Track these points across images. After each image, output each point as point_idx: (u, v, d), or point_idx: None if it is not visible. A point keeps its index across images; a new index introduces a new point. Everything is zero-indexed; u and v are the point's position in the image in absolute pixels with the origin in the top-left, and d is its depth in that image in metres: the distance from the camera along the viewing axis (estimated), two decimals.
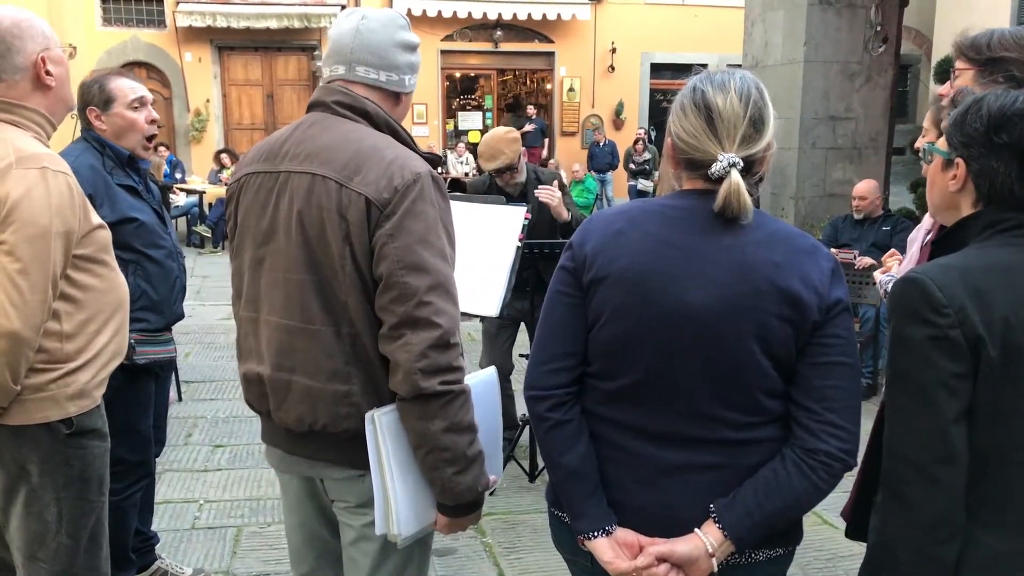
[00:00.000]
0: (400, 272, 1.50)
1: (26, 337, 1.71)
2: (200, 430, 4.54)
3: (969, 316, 1.21)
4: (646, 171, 13.50)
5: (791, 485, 1.35)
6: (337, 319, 1.57)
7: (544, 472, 3.90)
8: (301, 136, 1.65)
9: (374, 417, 1.55)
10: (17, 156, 1.74)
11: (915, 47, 13.56)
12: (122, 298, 1.98)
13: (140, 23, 14.46)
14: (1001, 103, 1.30)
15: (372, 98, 1.66)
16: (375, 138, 1.61)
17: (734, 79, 1.39)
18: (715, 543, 1.36)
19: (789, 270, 1.35)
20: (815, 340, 1.36)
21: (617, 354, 1.41)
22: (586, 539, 1.44)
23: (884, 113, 6.89)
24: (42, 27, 1.87)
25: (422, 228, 1.53)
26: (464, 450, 1.54)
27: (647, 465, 1.42)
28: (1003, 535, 1.27)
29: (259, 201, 1.65)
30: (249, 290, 1.69)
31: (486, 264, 2.70)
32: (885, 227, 5.53)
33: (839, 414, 1.35)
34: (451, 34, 15.50)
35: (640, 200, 1.53)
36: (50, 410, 1.81)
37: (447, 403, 1.51)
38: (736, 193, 1.33)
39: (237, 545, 3.29)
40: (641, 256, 1.38)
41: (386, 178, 1.53)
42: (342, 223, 1.53)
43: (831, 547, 3.30)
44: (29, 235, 1.70)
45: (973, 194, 1.34)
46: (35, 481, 1.84)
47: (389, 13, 1.73)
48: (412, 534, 1.61)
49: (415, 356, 1.48)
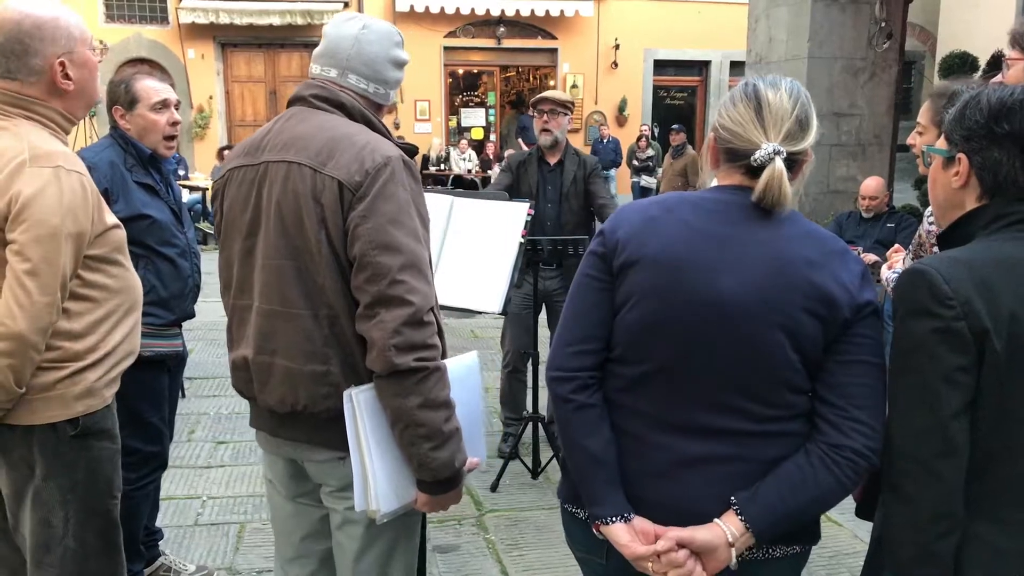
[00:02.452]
0: (373, 252, 1.54)
1: (31, 340, 1.69)
2: (203, 426, 4.55)
3: (975, 308, 1.21)
4: (649, 168, 13.47)
5: (816, 481, 1.34)
6: (315, 302, 1.62)
7: (547, 469, 3.92)
8: (280, 128, 1.72)
9: (352, 395, 1.60)
10: (32, 154, 1.73)
11: (920, 43, 13.52)
12: (136, 298, 1.96)
13: (143, 20, 14.47)
14: (1000, 95, 1.30)
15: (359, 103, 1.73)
16: (349, 127, 1.67)
17: (786, 81, 1.44)
18: (736, 533, 1.35)
19: (823, 268, 1.36)
20: (844, 338, 1.36)
21: (642, 338, 1.41)
22: (603, 524, 1.43)
23: (888, 110, 6.87)
24: (68, 28, 1.82)
25: (393, 209, 1.57)
26: (440, 426, 1.58)
27: (666, 457, 1.42)
28: (1007, 531, 1.26)
29: (243, 193, 1.71)
30: (240, 279, 1.74)
31: (489, 260, 2.70)
32: (889, 224, 5.51)
33: (866, 412, 1.34)
34: (454, 30, 15.49)
35: (676, 192, 1.55)
36: (57, 409, 1.79)
37: (422, 379, 1.55)
38: (779, 180, 1.35)
39: (240, 541, 3.30)
40: (675, 241, 1.39)
41: (358, 162, 1.58)
42: (317, 207, 1.59)
43: (834, 544, 3.30)
44: (39, 235, 1.68)
45: (977, 189, 1.34)
46: (40, 484, 1.82)
47: (388, 28, 1.78)
48: (392, 510, 1.65)
49: (389, 333, 1.52)
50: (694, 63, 16.47)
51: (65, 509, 1.84)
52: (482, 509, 3.63)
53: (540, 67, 16.34)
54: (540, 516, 3.53)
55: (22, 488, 1.83)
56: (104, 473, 1.91)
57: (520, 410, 4.19)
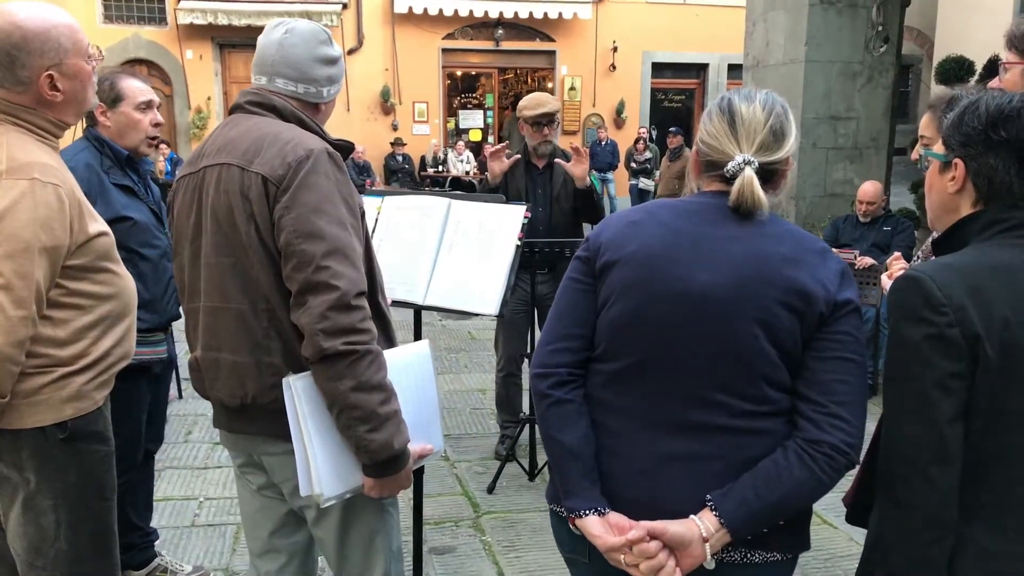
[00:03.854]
0: (296, 241, 1.59)
1: (7, 353, 1.68)
2: (200, 427, 4.55)
3: (968, 315, 1.21)
4: (647, 170, 13.49)
5: (791, 475, 1.34)
6: (252, 295, 1.68)
7: (544, 471, 3.92)
8: (217, 135, 1.80)
9: (290, 382, 1.64)
10: (8, 166, 1.71)
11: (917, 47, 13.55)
12: (128, 301, 1.95)
13: (141, 20, 14.47)
14: (999, 102, 1.31)
15: (289, 104, 1.79)
16: (277, 126, 1.73)
17: (761, 94, 1.48)
18: (711, 529, 1.35)
19: (798, 263, 1.38)
20: (823, 335, 1.37)
21: (621, 333, 1.44)
22: (577, 517, 1.44)
23: (885, 113, 6.89)
24: (59, 39, 1.78)
25: (316, 198, 1.61)
26: (375, 408, 1.60)
27: (645, 454, 1.43)
28: (1001, 536, 1.27)
29: (187, 200, 1.79)
30: (191, 283, 1.79)
31: (486, 263, 2.71)
32: (886, 227, 5.52)
33: (845, 408, 1.35)
34: (452, 32, 15.50)
35: (661, 199, 1.59)
36: (44, 413, 1.78)
37: (353, 363, 1.57)
38: (750, 187, 1.39)
39: (237, 542, 3.29)
40: (651, 241, 1.44)
41: (280, 156, 1.64)
42: (246, 203, 1.65)
43: (830, 547, 3.31)
44: (11, 250, 1.66)
45: (972, 195, 1.35)
46: (32, 487, 1.81)
47: (312, 28, 1.82)
48: (336, 494, 1.68)
49: (316, 318, 1.56)
50: (692, 66, 16.50)
51: (56, 512, 1.84)
52: (479, 511, 3.63)
53: (538, 69, 16.35)
54: (537, 518, 3.53)
55: (13, 492, 1.83)
56: (96, 475, 1.90)
57: (516, 413, 4.20)
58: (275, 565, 1.92)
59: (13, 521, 1.85)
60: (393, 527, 1.90)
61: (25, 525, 1.84)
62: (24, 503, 1.82)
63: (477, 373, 5.71)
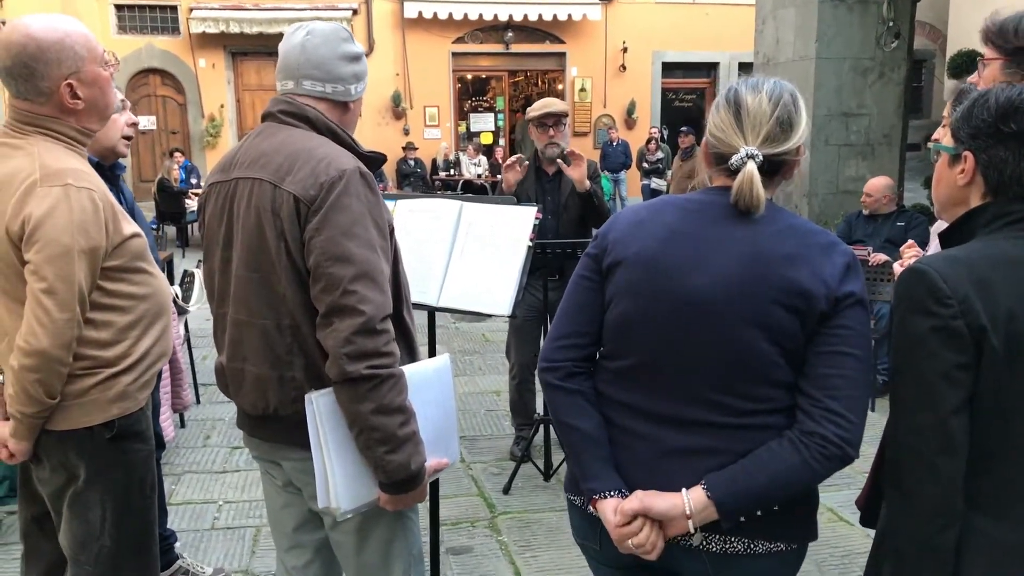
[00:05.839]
0: (326, 263, 1.59)
1: (55, 355, 1.74)
2: (218, 432, 4.59)
3: (973, 307, 1.22)
4: (659, 170, 13.47)
5: (781, 458, 1.36)
6: (278, 312, 1.69)
7: (559, 470, 3.94)
8: (249, 145, 1.78)
9: (312, 398, 1.65)
10: (42, 173, 1.76)
11: (929, 42, 13.47)
12: (162, 301, 2.00)
13: (155, 30, 14.61)
14: (1008, 94, 1.31)
15: (319, 107, 1.78)
16: (311, 140, 1.72)
17: (768, 83, 1.47)
18: (695, 505, 1.38)
19: (799, 261, 1.38)
20: (823, 330, 1.37)
21: (624, 333, 1.48)
22: (600, 499, 1.47)
23: (898, 109, 6.85)
24: (74, 48, 1.81)
25: (347, 221, 1.61)
26: (394, 431, 1.62)
27: (649, 447, 1.46)
28: (1007, 526, 1.28)
29: (218, 208, 1.79)
30: (220, 289, 1.82)
31: (498, 264, 2.72)
32: (899, 223, 5.49)
33: (840, 402, 1.35)
34: (462, 36, 15.54)
35: (669, 196, 1.61)
36: (94, 414, 1.85)
37: (375, 386, 1.59)
38: (749, 184, 1.38)
39: (256, 544, 3.33)
40: (653, 242, 1.45)
41: (313, 176, 1.63)
42: (276, 221, 1.65)
43: (847, 544, 3.29)
44: (51, 255, 1.72)
45: (982, 187, 1.35)
46: (81, 485, 1.88)
47: (332, 26, 1.81)
48: (352, 508, 1.71)
49: (341, 342, 1.57)
50: (702, 65, 16.46)
51: (103, 508, 1.90)
52: (495, 511, 3.65)
53: (548, 71, 16.37)
54: (552, 518, 3.55)
55: (62, 490, 1.90)
56: (138, 473, 1.97)
57: (531, 416, 4.21)
58: (301, 561, 1.95)
59: (64, 517, 1.91)
60: (412, 531, 1.92)
61: (72, 521, 1.90)
62: (72, 500, 1.89)
63: (491, 375, 5.73)
